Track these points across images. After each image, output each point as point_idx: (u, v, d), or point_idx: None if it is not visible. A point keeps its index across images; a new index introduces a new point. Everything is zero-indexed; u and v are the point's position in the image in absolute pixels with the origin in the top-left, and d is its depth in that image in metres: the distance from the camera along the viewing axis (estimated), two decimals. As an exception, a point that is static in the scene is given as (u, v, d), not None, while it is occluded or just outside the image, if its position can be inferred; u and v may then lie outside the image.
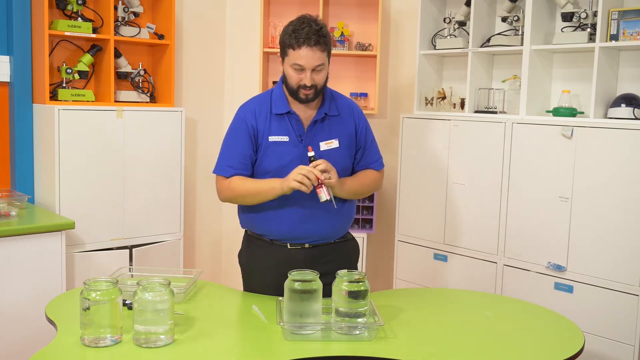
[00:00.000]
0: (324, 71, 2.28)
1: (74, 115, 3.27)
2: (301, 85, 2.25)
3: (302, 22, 2.23)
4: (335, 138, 2.35)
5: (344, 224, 2.43)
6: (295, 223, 2.32)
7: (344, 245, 2.46)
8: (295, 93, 2.28)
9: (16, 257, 2.87)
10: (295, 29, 2.22)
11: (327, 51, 2.26)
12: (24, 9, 3.35)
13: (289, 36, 2.23)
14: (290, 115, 2.33)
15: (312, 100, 2.30)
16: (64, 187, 3.25)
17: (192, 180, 4.20)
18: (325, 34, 2.24)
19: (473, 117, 3.41)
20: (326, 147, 2.33)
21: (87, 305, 1.79)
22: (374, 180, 2.48)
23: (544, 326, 2.14)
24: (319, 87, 2.28)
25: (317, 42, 2.20)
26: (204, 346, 1.85)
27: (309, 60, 2.21)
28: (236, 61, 4.29)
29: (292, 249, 2.35)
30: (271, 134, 2.31)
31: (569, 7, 3.21)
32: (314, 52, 2.21)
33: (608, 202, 2.89)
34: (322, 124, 2.35)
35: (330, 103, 2.37)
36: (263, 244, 2.40)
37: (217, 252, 4.43)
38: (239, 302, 2.28)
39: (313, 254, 2.36)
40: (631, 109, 2.97)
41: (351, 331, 1.93)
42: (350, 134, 2.40)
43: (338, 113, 2.38)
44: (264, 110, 2.34)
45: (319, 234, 2.35)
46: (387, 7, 4.13)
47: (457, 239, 3.49)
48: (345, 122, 2.40)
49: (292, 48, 2.22)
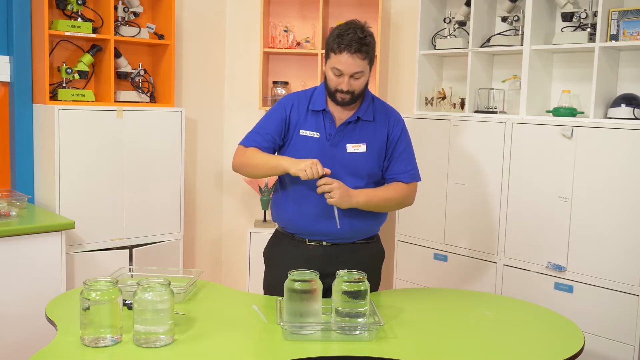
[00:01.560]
0: (363, 78, 2.29)
1: (74, 115, 3.27)
2: (338, 89, 2.27)
3: (348, 28, 2.24)
4: (363, 142, 2.36)
5: (363, 227, 2.41)
6: (312, 219, 2.34)
7: (363, 247, 2.44)
8: (332, 95, 2.31)
9: (16, 257, 2.87)
10: (340, 33, 2.24)
11: (369, 59, 2.27)
12: (24, 9, 3.35)
13: (333, 40, 2.25)
14: (325, 113, 2.36)
15: (348, 104, 2.32)
16: (64, 187, 3.25)
17: (192, 180, 4.20)
18: (368, 42, 2.24)
19: (473, 117, 3.41)
20: (353, 150, 2.34)
21: (87, 305, 1.79)
22: (400, 194, 2.41)
23: (544, 326, 2.14)
24: (356, 93, 2.30)
25: (358, 50, 2.21)
26: (204, 346, 1.85)
27: (349, 66, 2.23)
28: (236, 61, 4.29)
29: (310, 245, 2.39)
30: (303, 128, 2.35)
31: (569, 7, 3.21)
32: (354, 59, 2.22)
33: (608, 202, 2.89)
34: (353, 126, 2.36)
35: (367, 107, 2.38)
36: (286, 239, 2.45)
37: (217, 252, 4.43)
38: (239, 302, 2.28)
39: (331, 252, 2.37)
40: (631, 109, 2.97)
41: (351, 331, 1.93)
42: (381, 140, 2.39)
43: (373, 118, 2.39)
44: (303, 105, 2.39)
45: (335, 233, 2.35)
46: (387, 7, 4.13)
47: (457, 239, 3.49)
48: (378, 128, 2.39)
49: (334, 52, 2.25)
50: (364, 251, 2.44)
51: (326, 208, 2.30)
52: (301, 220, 2.37)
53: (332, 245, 2.38)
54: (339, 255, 2.38)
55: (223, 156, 4.34)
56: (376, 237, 2.52)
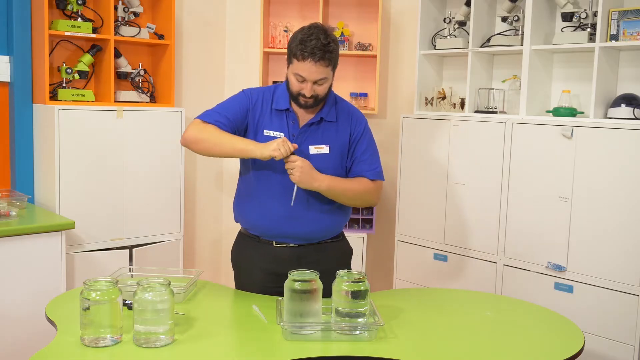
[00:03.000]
0: (326, 84, 2.27)
1: (74, 115, 3.27)
2: (301, 93, 2.25)
3: (312, 33, 2.19)
4: (326, 144, 2.34)
5: (330, 225, 2.39)
6: (280, 220, 2.32)
7: (331, 246, 2.43)
8: (295, 98, 2.29)
9: (16, 257, 2.87)
10: (303, 39, 2.19)
11: (332, 65, 2.25)
12: (24, 9, 3.35)
13: (296, 45, 2.20)
14: (289, 113, 2.33)
15: (311, 107, 2.30)
16: (64, 187, 3.25)
17: (192, 180, 4.20)
18: (332, 49, 2.20)
19: (473, 117, 3.41)
20: (315, 152, 2.32)
21: (87, 305, 1.79)
22: (365, 188, 2.36)
23: (544, 326, 2.14)
24: (319, 98, 2.28)
25: (321, 58, 2.18)
26: (204, 346, 1.85)
27: (312, 73, 2.20)
28: (236, 61, 4.29)
29: (277, 247, 2.36)
30: (267, 128, 2.32)
31: (569, 7, 3.21)
32: (318, 66, 2.19)
33: (608, 202, 2.89)
34: (316, 127, 2.34)
35: (330, 108, 2.36)
36: (251, 241, 2.41)
37: (217, 252, 4.43)
38: (239, 302, 2.28)
39: (299, 253, 2.36)
40: (631, 109, 2.97)
41: (351, 331, 1.93)
42: (343, 141, 2.37)
43: (335, 119, 2.37)
44: (267, 102, 2.35)
45: (303, 234, 2.34)
46: (387, 7, 4.13)
47: (457, 239, 3.49)
48: (340, 128, 2.37)
49: (296, 58, 2.21)
50: (332, 250, 2.43)
51: (291, 209, 2.29)
52: (266, 222, 2.34)
53: (299, 246, 2.36)
54: (307, 256, 2.36)
55: (223, 156, 4.34)
56: (342, 235, 2.50)
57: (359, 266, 3.84)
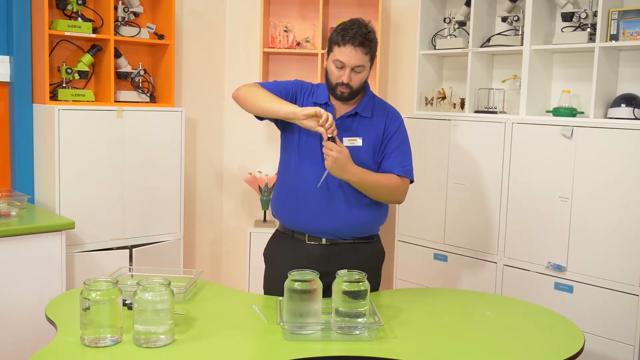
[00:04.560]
0: (364, 73, 2.32)
1: (74, 115, 3.27)
2: (339, 82, 2.30)
3: (353, 23, 2.29)
4: (360, 136, 2.37)
5: (361, 222, 2.40)
6: (313, 214, 2.35)
7: (363, 246, 2.44)
8: (333, 90, 2.34)
9: (16, 257, 2.87)
10: (344, 27, 2.28)
11: (370, 55, 2.31)
12: (24, 9, 3.35)
13: (337, 33, 2.29)
14: (327, 106, 2.38)
15: (347, 99, 2.34)
16: (64, 187, 3.25)
17: (192, 180, 4.20)
18: (372, 38, 2.29)
19: (473, 117, 3.41)
20: (349, 144, 2.34)
21: (87, 305, 1.79)
22: (394, 184, 2.37)
23: (544, 326, 2.14)
24: (354, 88, 2.31)
25: (361, 43, 2.25)
26: (204, 346, 1.85)
27: (351, 59, 2.26)
28: (236, 61, 4.29)
29: (309, 245, 2.39)
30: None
31: (569, 7, 3.21)
32: (357, 52, 2.25)
33: (608, 202, 2.89)
34: (351, 121, 2.38)
35: (367, 104, 2.41)
36: (285, 237, 2.46)
37: (217, 252, 4.43)
38: (239, 302, 2.28)
39: (330, 251, 2.37)
40: (631, 109, 2.97)
41: (351, 331, 1.93)
42: (377, 135, 2.40)
43: (371, 115, 2.40)
44: (310, 95, 2.44)
45: (334, 229, 2.35)
46: (387, 7, 4.13)
47: (457, 239, 3.49)
48: (375, 123, 2.41)
49: (337, 45, 2.28)
50: (364, 251, 2.44)
51: (326, 205, 2.32)
52: (300, 214, 2.38)
53: (331, 244, 2.38)
54: (339, 255, 2.38)
55: (223, 156, 4.34)
56: (376, 237, 2.52)
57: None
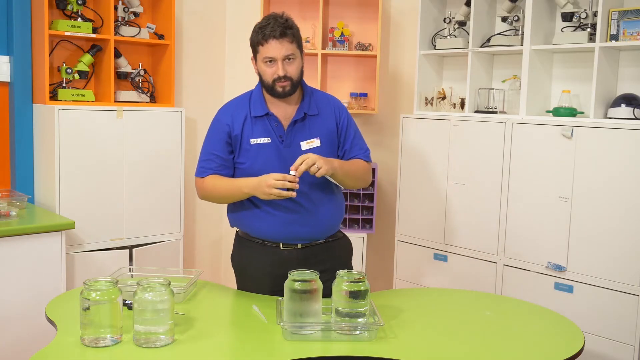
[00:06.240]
0: (297, 62, 2.29)
1: (74, 115, 3.27)
2: (275, 78, 2.26)
3: (268, 20, 2.28)
4: (316, 137, 2.35)
5: (333, 222, 2.42)
6: (287, 224, 2.32)
7: (335, 243, 2.45)
8: (271, 89, 2.29)
9: (16, 257, 2.87)
10: (261, 25, 2.27)
11: (297, 42, 2.29)
12: (24, 9, 3.35)
13: (256, 34, 2.28)
14: (269, 116, 2.33)
15: (289, 93, 2.30)
16: (64, 187, 3.25)
17: (192, 180, 4.17)
18: (291, 25, 2.28)
19: (473, 117, 3.41)
20: (307, 147, 2.33)
21: (87, 305, 1.79)
22: (363, 169, 2.44)
23: (544, 326, 2.14)
24: (294, 79, 2.28)
25: (283, 34, 2.24)
26: (204, 346, 1.85)
27: (279, 51, 2.24)
28: (236, 61, 4.29)
29: (284, 250, 2.35)
30: (253, 137, 2.32)
31: (569, 7, 3.21)
32: (282, 43, 2.24)
33: (608, 202, 2.89)
34: (302, 124, 2.35)
35: (309, 101, 2.38)
36: (255, 245, 2.39)
37: (217, 252, 4.44)
38: (239, 302, 2.28)
39: (306, 254, 2.36)
40: (631, 109, 2.97)
41: (351, 331, 1.93)
42: (331, 130, 2.39)
43: (318, 112, 2.38)
44: (243, 114, 2.35)
45: (311, 235, 2.35)
46: (387, 7, 4.13)
47: (457, 239, 3.49)
48: (325, 119, 2.39)
49: (260, 44, 2.26)
50: (337, 248, 2.45)
51: (301, 209, 2.30)
52: (276, 228, 2.33)
53: (306, 247, 2.36)
54: (315, 256, 2.36)
55: (223, 156, 4.34)
56: (340, 232, 2.52)
57: (359, 266, 3.84)
